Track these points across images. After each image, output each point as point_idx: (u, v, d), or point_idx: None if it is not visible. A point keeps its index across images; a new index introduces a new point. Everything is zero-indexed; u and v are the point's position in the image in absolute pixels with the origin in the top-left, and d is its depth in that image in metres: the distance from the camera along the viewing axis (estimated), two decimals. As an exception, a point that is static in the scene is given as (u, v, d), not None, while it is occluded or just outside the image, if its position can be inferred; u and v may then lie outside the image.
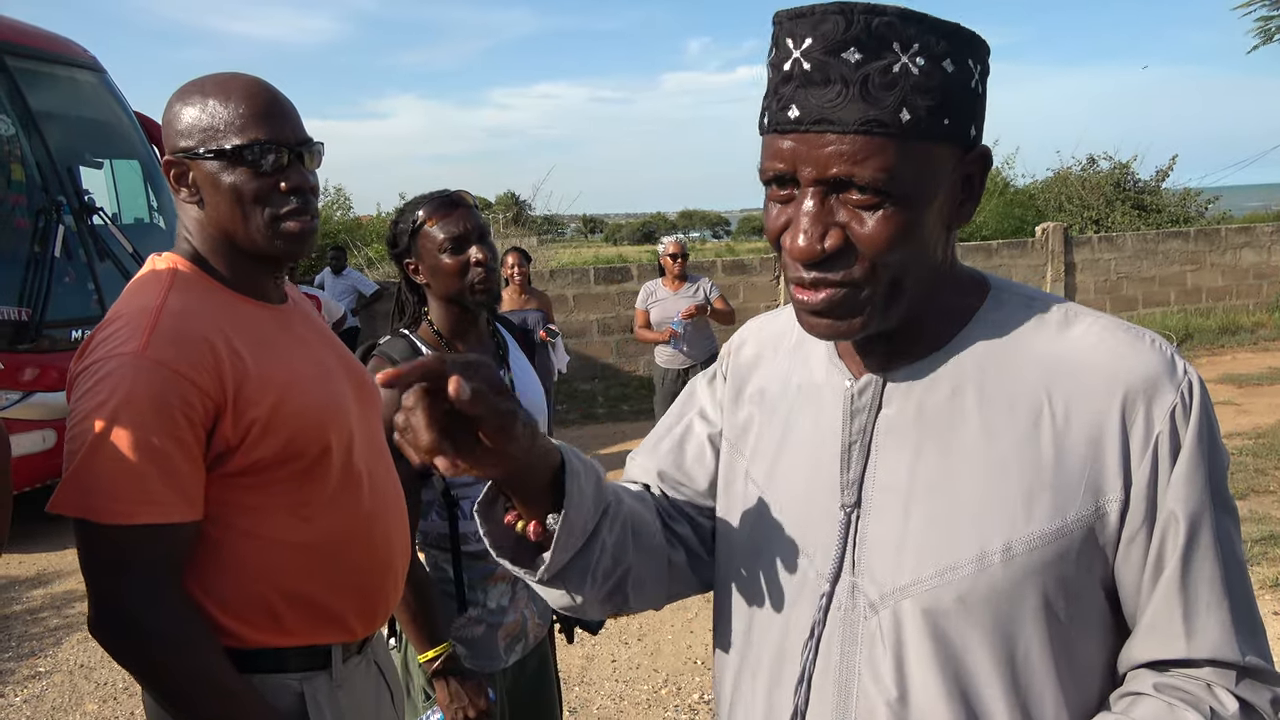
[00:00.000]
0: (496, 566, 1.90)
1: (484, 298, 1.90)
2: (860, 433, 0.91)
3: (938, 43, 0.79)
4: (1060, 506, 0.82)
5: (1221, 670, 0.83)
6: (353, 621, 1.40)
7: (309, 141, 1.37)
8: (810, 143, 0.80)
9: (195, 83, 1.35)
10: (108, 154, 6.99)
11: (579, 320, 9.60)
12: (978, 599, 0.83)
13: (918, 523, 0.86)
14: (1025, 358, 0.87)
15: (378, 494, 1.44)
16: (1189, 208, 16.80)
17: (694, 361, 5.97)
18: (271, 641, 1.33)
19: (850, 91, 0.78)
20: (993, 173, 18.00)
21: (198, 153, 1.31)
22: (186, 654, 1.21)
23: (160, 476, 1.19)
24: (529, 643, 2.00)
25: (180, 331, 1.24)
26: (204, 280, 1.34)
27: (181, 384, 1.20)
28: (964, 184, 0.86)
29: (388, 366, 1.84)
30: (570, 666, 3.82)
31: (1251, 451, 6.33)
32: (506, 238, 15.15)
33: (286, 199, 1.33)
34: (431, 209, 1.89)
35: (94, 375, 1.21)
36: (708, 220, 63.07)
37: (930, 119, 0.79)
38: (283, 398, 1.29)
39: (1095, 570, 0.85)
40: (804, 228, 0.81)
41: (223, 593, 1.29)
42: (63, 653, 4.19)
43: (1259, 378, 8.99)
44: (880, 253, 0.81)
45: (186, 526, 1.23)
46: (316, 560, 1.35)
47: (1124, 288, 11.53)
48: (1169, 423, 0.82)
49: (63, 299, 5.75)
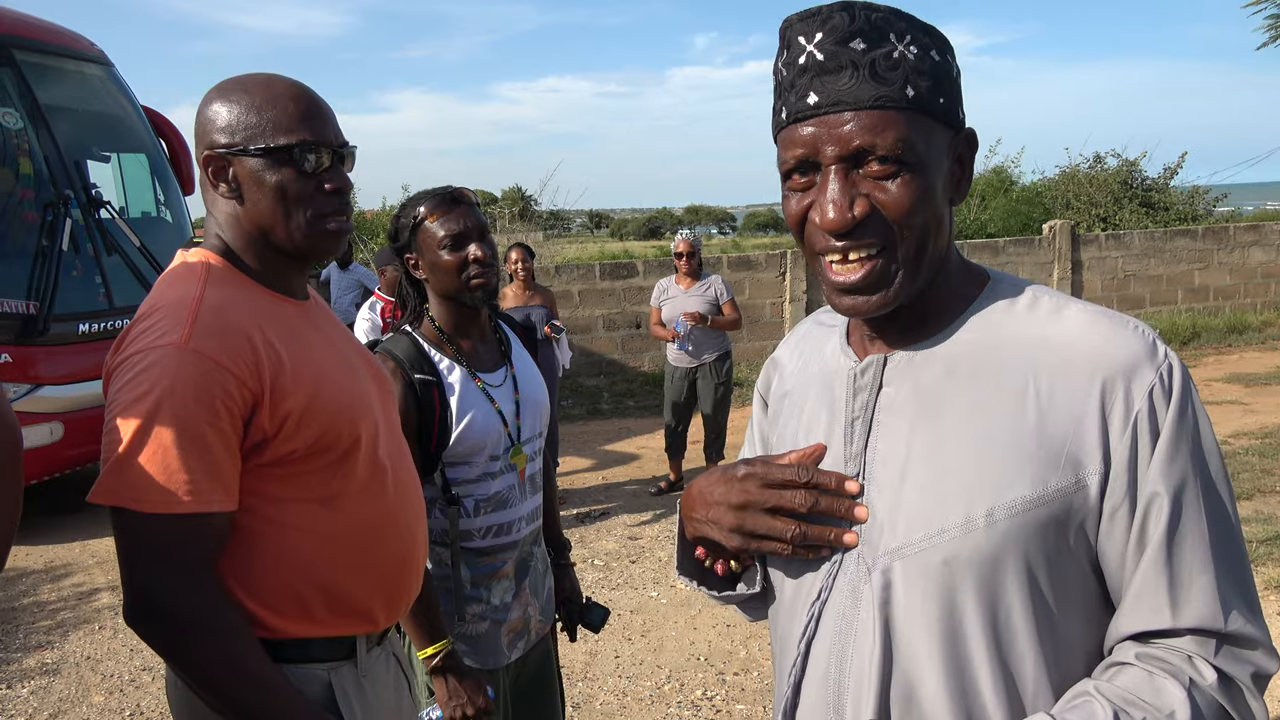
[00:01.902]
0: (501, 564, 1.92)
1: (481, 295, 1.91)
2: (863, 409, 0.98)
3: (922, 35, 0.91)
4: (1042, 476, 0.87)
5: (1202, 640, 0.86)
6: (378, 612, 1.43)
7: (347, 144, 1.40)
8: (830, 123, 0.89)
9: (236, 80, 1.37)
10: (115, 148, 7.00)
11: (585, 316, 9.60)
12: (962, 561, 0.88)
13: (911, 491, 0.92)
14: (1015, 340, 0.93)
15: (400, 486, 1.47)
16: (1197, 206, 16.72)
17: (702, 361, 5.97)
18: (300, 631, 1.35)
19: (861, 74, 0.88)
20: (999, 170, 17.91)
21: (243, 149, 1.33)
22: (222, 642, 1.23)
23: (202, 467, 1.21)
24: (531, 639, 2.01)
25: (220, 324, 1.26)
26: (235, 275, 1.36)
27: (223, 375, 1.22)
28: (956, 164, 0.95)
29: (390, 362, 1.85)
30: (573, 662, 3.83)
31: (1258, 451, 6.30)
32: (512, 233, 15.15)
33: (328, 199, 1.36)
34: (432, 205, 1.90)
35: (135, 366, 1.23)
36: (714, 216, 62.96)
37: (930, 96, 0.90)
38: (316, 391, 1.32)
39: (1078, 546, 0.89)
40: (832, 198, 0.89)
41: (254, 582, 1.31)
42: (70, 645, 4.22)
43: (1267, 377, 8.95)
44: (905, 214, 0.89)
45: (224, 516, 1.26)
46: (345, 551, 1.37)
47: (1131, 286, 11.49)
48: (1148, 401, 0.87)
49: (70, 293, 5.77)
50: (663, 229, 49.29)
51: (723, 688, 3.64)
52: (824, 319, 1.14)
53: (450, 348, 1.93)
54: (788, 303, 10.08)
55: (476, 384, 1.92)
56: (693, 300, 5.88)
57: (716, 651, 3.93)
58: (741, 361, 9.82)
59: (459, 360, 1.92)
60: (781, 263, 10.07)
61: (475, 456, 1.88)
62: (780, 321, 10.09)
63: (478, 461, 1.89)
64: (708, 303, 5.87)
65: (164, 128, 7.20)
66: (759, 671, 3.74)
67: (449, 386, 1.88)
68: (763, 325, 10.10)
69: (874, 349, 1.01)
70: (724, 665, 3.81)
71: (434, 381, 1.86)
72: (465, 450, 1.87)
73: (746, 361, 9.83)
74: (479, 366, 1.96)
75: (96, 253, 5.99)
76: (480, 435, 1.87)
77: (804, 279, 10.01)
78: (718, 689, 3.63)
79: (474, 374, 1.92)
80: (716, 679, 3.71)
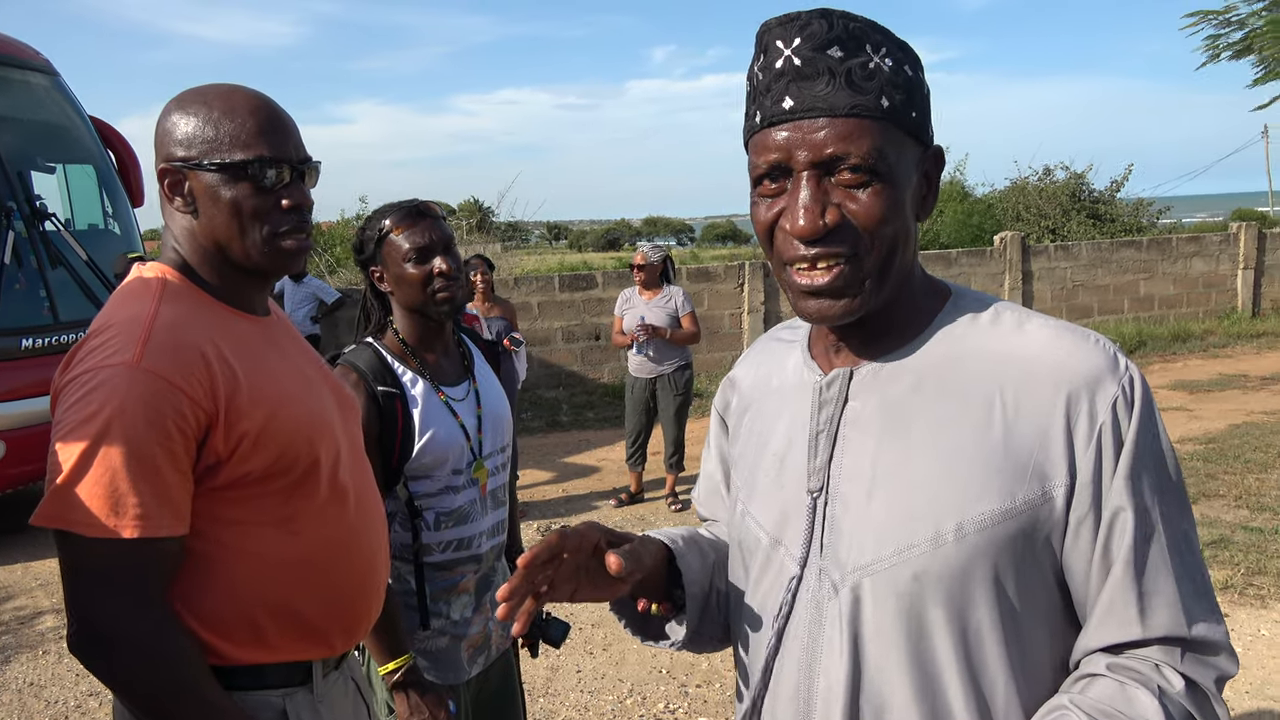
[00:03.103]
0: (461, 578, 1.90)
1: (447, 308, 1.90)
2: (828, 423, 0.97)
3: (897, 50, 0.91)
4: (1009, 490, 0.87)
5: (1168, 648, 0.87)
6: (335, 637, 1.39)
7: (309, 159, 1.37)
8: (804, 129, 0.89)
9: (196, 91, 1.33)
10: (61, 159, 6.83)
11: (544, 328, 9.57)
12: (933, 577, 0.88)
13: (878, 506, 0.91)
14: (980, 355, 0.93)
15: (362, 507, 1.44)
16: (1141, 218, 17.20)
17: (662, 372, 5.98)
18: (254, 658, 1.31)
19: (838, 81, 0.88)
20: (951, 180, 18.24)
21: (198, 163, 1.29)
22: (170, 670, 1.19)
23: (151, 490, 1.17)
24: (492, 654, 1.99)
25: (174, 342, 1.22)
26: (193, 291, 1.33)
27: (176, 396, 1.19)
28: (924, 179, 0.95)
29: (353, 374, 1.83)
30: (535, 678, 3.80)
31: (1203, 456, 6.48)
32: (470, 244, 15.07)
33: (286, 216, 1.33)
34: (398, 218, 1.89)
35: (85, 386, 1.18)
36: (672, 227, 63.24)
37: (904, 109, 0.90)
38: (274, 411, 1.28)
39: (1044, 558, 0.89)
40: (804, 205, 0.89)
41: (205, 608, 1.27)
42: (12, 671, 4.08)
43: (1209, 384, 9.22)
44: (875, 224, 0.89)
45: (175, 541, 1.22)
46: (303, 575, 1.33)
47: (1079, 296, 11.76)
48: (1111, 414, 0.87)
49: (12, 306, 5.60)
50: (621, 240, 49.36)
51: (685, 700, 3.64)
52: (783, 334, 1.13)
53: (414, 360, 1.92)
54: (746, 314, 10.15)
55: (440, 397, 1.90)
56: (654, 311, 5.90)
57: (679, 664, 3.92)
58: (701, 373, 9.85)
59: (422, 373, 1.91)
60: (740, 274, 10.13)
61: (437, 470, 1.86)
62: (739, 332, 10.15)
63: (440, 475, 1.87)
64: (668, 315, 5.89)
65: (112, 138, 7.03)
66: (721, 683, 3.74)
67: (412, 399, 1.86)
68: (722, 336, 10.15)
69: (839, 362, 1.00)
70: (686, 678, 3.80)
71: (397, 394, 1.85)
72: (427, 464, 1.85)
73: (706, 372, 9.87)
74: (442, 380, 1.94)
75: (41, 266, 5.82)
76: (443, 449, 1.86)
77: (762, 290, 10.09)
78: (680, 702, 3.63)
79: (437, 387, 1.91)
80: (679, 692, 3.70)
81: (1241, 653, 3.75)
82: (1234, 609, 4.11)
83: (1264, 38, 10.79)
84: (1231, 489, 5.74)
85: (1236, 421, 7.56)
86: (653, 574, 1.06)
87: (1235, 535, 4.91)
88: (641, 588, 1.06)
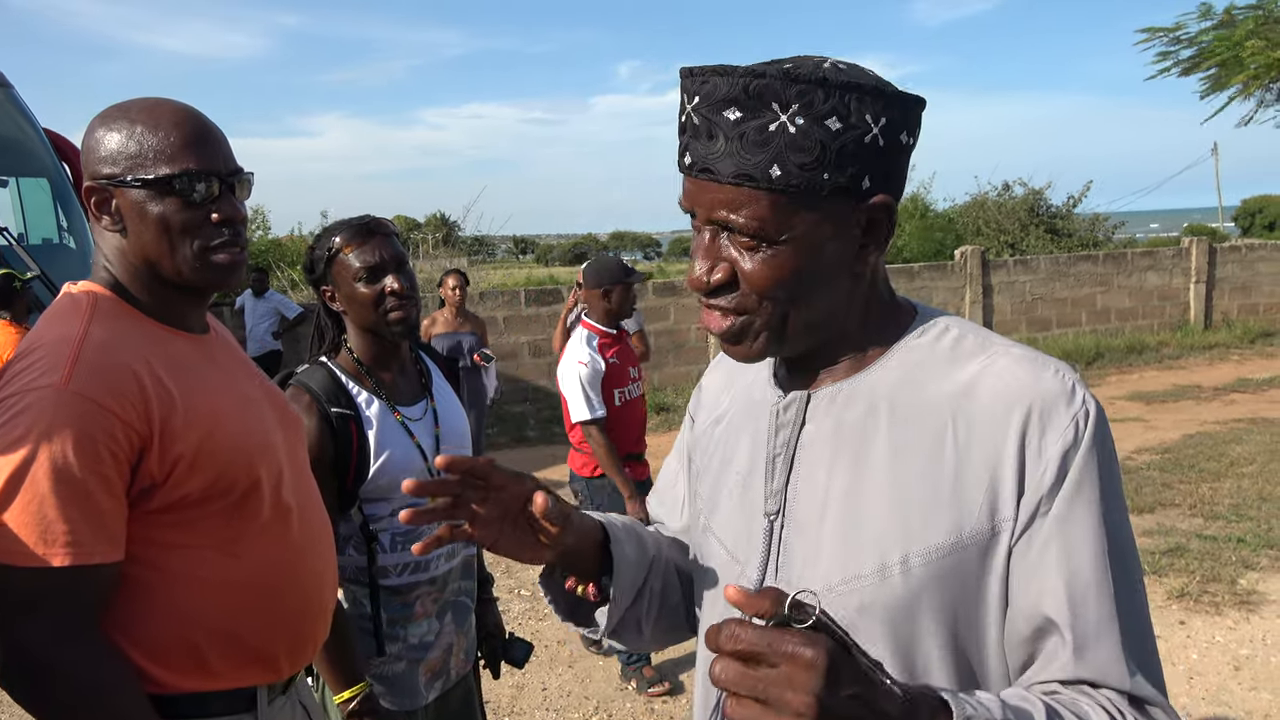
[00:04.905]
0: (417, 602, 1.87)
1: (400, 328, 1.86)
2: (784, 446, 0.96)
3: (824, 101, 0.83)
4: (957, 523, 0.85)
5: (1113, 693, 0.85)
6: (281, 660, 1.36)
7: (240, 171, 1.33)
8: (700, 187, 0.88)
9: (120, 107, 1.30)
10: (14, 172, 6.71)
11: (510, 343, 9.52)
12: (878, 609, 0.87)
13: (829, 533, 0.91)
14: (937, 382, 0.91)
15: (307, 527, 1.41)
16: (1098, 232, 17.58)
17: None
18: (195, 686, 1.27)
19: (730, 146, 0.85)
20: (913, 196, 18.36)
21: (123, 180, 1.26)
22: (105, 701, 1.16)
23: (82, 516, 1.14)
24: (451, 678, 1.96)
25: (104, 363, 1.19)
26: (125, 309, 1.29)
27: (106, 418, 1.15)
28: (868, 229, 0.89)
29: (305, 396, 1.80)
30: (500, 696, 3.76)
31: (1159, 466, 6.61)
32: (436, 259, 14.98)
33: (217, 230, 1.30)
34: (348, 236, 1.85)
35: (11, 409, 1.15)
36: (639, 241, 63.37)
37: (804, 174, 0.84)
38: (210, 431, 1.25)
39: (990, 595, 0.87)
40: (696, 258, 0.91)
41: (143, 635, 1.23)
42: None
43: (1165, 395, 9.41)
44: (765, 286, 0.88)
45: (107, 567, 1.18)
46: (246, 599, 1.30)
47: (1039, 309, 11.96)
48: (1062, 449, 0.84)
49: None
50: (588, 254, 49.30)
51: (651, 716, 3.62)
52: None
53: (369, 380, 1.88)
54: (712, 328, 10.18)
55: (395, 418, 1.88)
56: None
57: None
58: (667, 386, 9.87)
59: (378, 393, 1.87)
60: (705, 288, 10.16)
61: (394, 492, 1.83)
62: (705, 346, 10.18)
63: (396, 497, 1.84)
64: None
65: (68, 151, 6.91)
66: (687, 698, 3.73)
67: (367, 420, 1.83)
68: (688, 350, 10.17)
69: (796, 383, 0.99)
70: (652, 694, 3.79)
71: (351, 415, 1.81)
72: (383, 486, 1.82)
73: (672, 385, 9.88)
74: (399, 399, 1.91)
75: (-8, 281, 5.70)
76: (399, 470, 1.82)
77: (728, 304, 10.12)
78: (646, 718, 3.61)
79: (393, 407, 1.88)
80: (645, 708, 3.68)
81: (1196, 659, 3.81)
82: (1189, 616, 4.18)
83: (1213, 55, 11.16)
84: (1186, 498, 5.85)
85: (1190, 431, 7.72)
86: (585, 553, 1.03)
87: (1190, 543, 5.00)
88: (571, 565, 1.04)
